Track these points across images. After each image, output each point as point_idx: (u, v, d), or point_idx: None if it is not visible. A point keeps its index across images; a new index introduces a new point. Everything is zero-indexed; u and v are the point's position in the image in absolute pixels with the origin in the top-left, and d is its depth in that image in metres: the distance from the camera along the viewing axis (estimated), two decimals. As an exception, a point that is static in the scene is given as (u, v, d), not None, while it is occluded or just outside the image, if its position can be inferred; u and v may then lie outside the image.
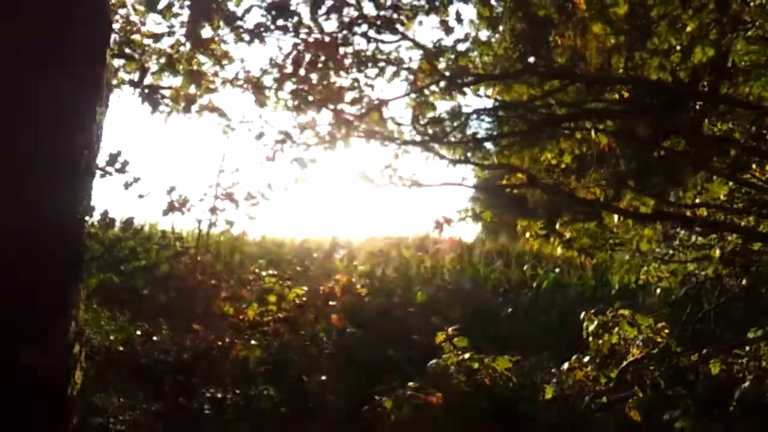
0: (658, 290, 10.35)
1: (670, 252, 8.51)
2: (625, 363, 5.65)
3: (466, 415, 5.77)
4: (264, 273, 7.42)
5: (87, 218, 3.49)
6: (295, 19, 5.20)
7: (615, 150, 7.40)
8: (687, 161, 7.20)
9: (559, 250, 7.30)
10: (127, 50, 5.59)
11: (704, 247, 7.77)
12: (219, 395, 6.15)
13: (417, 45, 5.61)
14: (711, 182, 7.22)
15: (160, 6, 5.36)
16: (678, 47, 5.97)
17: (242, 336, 6.91)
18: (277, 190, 7.00)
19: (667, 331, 5.67)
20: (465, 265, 14.24)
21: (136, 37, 5.62)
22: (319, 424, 6.24)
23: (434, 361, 6.30)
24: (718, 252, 7.27)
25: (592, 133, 6.56)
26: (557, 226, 7.21)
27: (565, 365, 6.08)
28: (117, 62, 5.52)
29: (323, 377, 6.90)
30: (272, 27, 5.21)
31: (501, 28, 5.98)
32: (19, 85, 3.09)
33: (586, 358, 6.00)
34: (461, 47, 5.71)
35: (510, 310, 11.16)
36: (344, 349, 7.90)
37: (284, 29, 5.26)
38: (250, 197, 7.11)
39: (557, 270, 13.29)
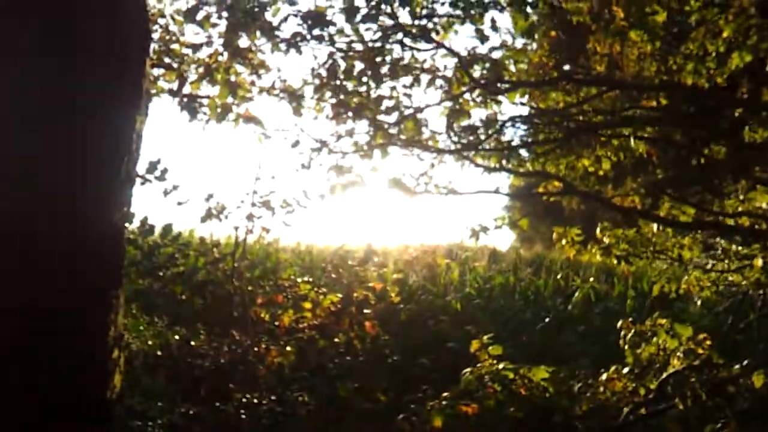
0: (699, 300, 10.16)
1: (712, 261, 8.34)
2: (665, 374, 5.54)
3: (501, 424, 5.71)
4: (300, 280, 7.48)
5: (127, 225, 3.54)
6: (331, 28, 5.25)
7: (653, 158, 7.30)
8: (727, 169, 7.06)
9: (597, 257, 7.19)
10: (166, 59, 5.69)
11: (747, 257, 7.61)
12: (255, 400, 6.20)
13: (452, 53, 5.60)
14: (753, 191, 7.06)
15: (199, 17, 5.45)
16: (714, 53, 5.88)
17: (278, 342, 6.96)
18: (312, 198, 7.06)
19: (709, 342, 5.55)
20: (499, 274, 14.15)
21: (175, 46, 5.73)
22: (353, 431, 6.25)
23: (468, 369, 6.24)
24: (760, 262, 7.10)
25: (631, 140, 6.47)
26: (597, 232, 7.11)
27: (603, 376, 5.98)
28: (156, 71, 5.63)
29: (357, 384, 6.91)
30: (308, 36, 5.26)
31: (536, 36, 5.95)
32: (60, 94, 3.14)
33: (625, 369, 5.90)
34: (496, 55, 5.70)
35: (546, 319, 11.04)
36: (378, 356, 7.90)
37: (320, 38, 5.31)
38: (286, 204, 7.17)
39: (592, 279, 13.11)
